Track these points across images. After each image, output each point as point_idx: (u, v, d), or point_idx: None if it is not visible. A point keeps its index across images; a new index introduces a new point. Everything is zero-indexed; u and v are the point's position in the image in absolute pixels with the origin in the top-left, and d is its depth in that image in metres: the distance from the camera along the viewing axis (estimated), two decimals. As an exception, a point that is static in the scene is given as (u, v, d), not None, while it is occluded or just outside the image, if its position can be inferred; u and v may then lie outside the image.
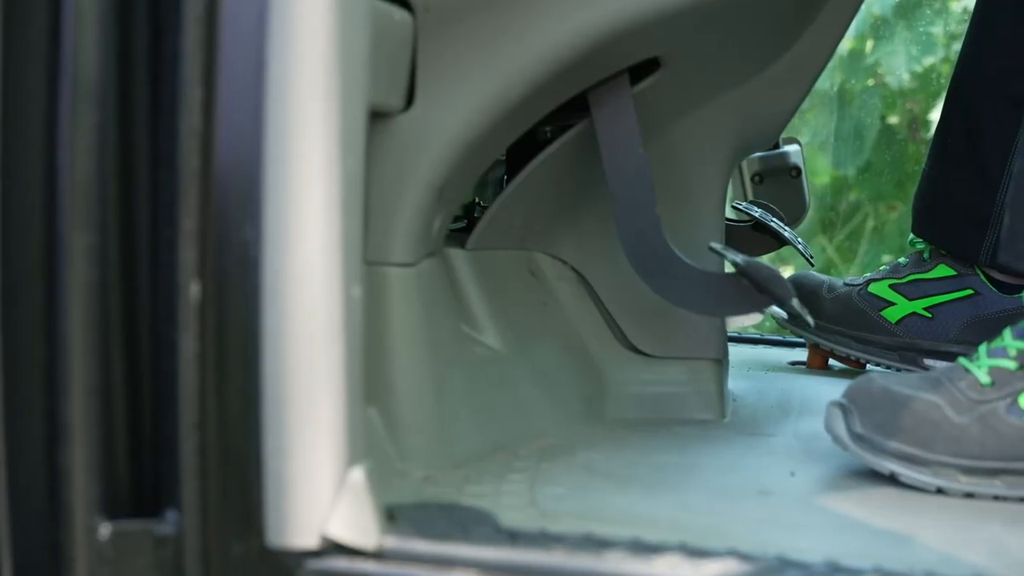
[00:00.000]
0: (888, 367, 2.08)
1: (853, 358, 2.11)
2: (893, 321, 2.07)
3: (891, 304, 2.08)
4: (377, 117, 1.38)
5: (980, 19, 2.05)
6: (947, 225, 2.06)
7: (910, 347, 2.06)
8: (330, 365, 1.08)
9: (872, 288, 2.10)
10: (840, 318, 2.11)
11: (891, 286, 2.09)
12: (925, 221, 2.10)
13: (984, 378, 1.44)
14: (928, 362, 2.04)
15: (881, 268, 2.14)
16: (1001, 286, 2.03)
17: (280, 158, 1.07)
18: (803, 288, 2.14)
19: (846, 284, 2.14)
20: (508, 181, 1.65)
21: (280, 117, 1.07)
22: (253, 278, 1.07)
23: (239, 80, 1.07)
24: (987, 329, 1.90)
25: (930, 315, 2.05)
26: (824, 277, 2.18)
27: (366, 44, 1.14)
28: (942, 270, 2.05)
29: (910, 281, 2.07)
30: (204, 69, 1.08)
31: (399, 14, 1.35)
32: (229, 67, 1.07)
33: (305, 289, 1.07)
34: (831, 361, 2.19)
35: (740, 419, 1.77)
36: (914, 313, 2.06)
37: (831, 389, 1.59)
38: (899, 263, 2.12)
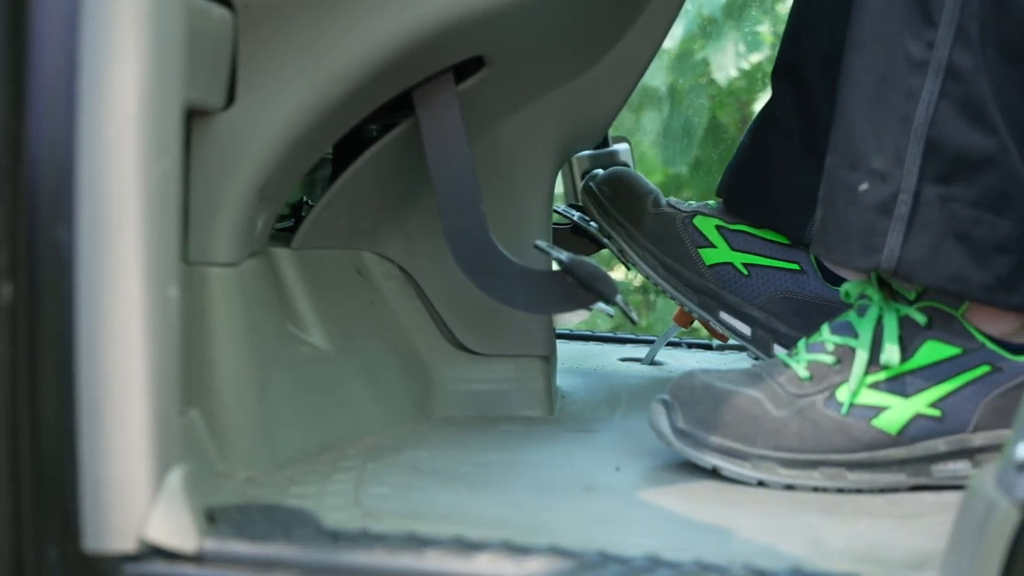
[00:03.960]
0: (682, 305, 1.96)
1: (652, 281, 1.97)
2: (707, 263, 1.92)
3: (712, 246, 1.92)
4: (197, 115, 1.36)
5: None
6: (768, 201, 1.92)
7: (714, 296, 1.92)
8: (146, 367, 1.06)
9: (697, 221, 1.94)
10: (656, 238, 1.95)
11: (718, 227, 1.93)
12: (742, 195, 1.95)
13: (803, 372, 1.47)
14: (724, 316, 1.92)
15: (711, 204, 1.97)
16: (827, 273, 1.88)
17: (93, 157, 1.05)
18: (629, 188, 1.99)
19: (671, 205, 1.97)
20: (334, 180, 1.65)
21: (92, 115, 1.05)
22: (67, 279, 1.06)
23: (50, 78, 1.05)
24: (795, 308, 1.84)
25: (746, 273, 1.91)
26: (653, 187, 2.02)
27: (181, 41, 1.13)
28: (776, 235, 1.92)
29: (740, 231, 1.92)
30: (13, 66, 1.06)
31: (218, 11, 1.34)
32: (39, 64, 1.06)
33: (120, 290, 1.05)
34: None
35: (568, 415, 1.78)
36: (731, 264, 1.91)
37: (659, 385, 1.60)
38: None
